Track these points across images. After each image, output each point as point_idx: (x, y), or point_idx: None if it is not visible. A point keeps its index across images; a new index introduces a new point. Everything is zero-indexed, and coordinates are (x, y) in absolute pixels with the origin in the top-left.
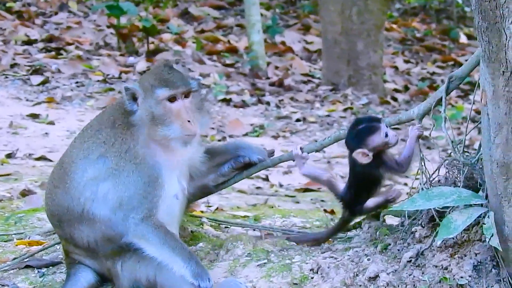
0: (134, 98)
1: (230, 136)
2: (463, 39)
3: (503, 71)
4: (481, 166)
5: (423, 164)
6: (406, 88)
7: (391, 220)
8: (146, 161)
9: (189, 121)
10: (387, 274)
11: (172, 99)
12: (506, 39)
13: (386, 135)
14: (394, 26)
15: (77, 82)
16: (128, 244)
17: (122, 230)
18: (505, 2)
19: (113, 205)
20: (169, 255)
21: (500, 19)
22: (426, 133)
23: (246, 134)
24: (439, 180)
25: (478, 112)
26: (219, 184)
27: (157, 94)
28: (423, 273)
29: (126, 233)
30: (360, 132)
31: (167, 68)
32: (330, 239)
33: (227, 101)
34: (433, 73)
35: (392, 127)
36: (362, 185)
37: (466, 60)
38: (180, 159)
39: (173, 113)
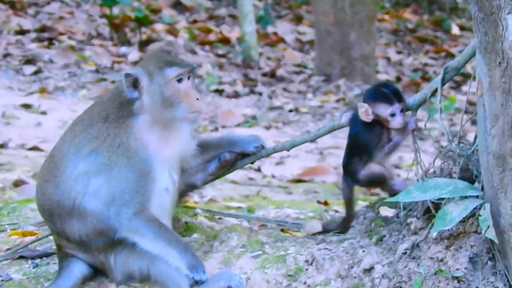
0: (135, 85)
1: (223, 127)
2: (455, 30)
3: (499, 62)
4: (477, 158)
5: (418, 155)
6: (399, 79)
7: (386, 212)
8: (138, 154)
9: (197, 98)
10: (382, 266)
11: (179, 79)
12: (503, 30)
13: (393, 115)
14: (386, 17)
15: (69, 72)
16: (122, 239)
17: (115, 225)
18: None
19: (106, 200)
20: (164, 248)
21: (496, 10)
22: (420, 124)
23: (238, 125)
24: (434, 172)
25: (471, 103)
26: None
27: (167, 74)
28: (418, 265)
29: (120, 228)
30: (378, 92)
31: (166, 52)
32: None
33: (219, 92)
34: (425, 64)
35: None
36: (353, 147)
37: (458, 51)
38: (173, 150)
39: (182, 93)
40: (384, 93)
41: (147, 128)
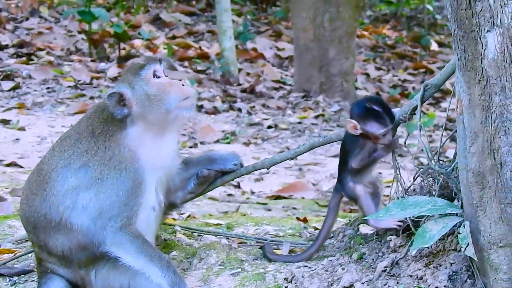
0: (121, 102)
1: (202, 143)
2: (434, 46)
3: (479, 80)
4: (456, 175)
5: (398, 173)
6: (378, 95)
7: (366, 229)
8: (132, 165)
9: (183, 85)
10: (362, 283)
11: (156, 76)
12: (482, 48)
13: (384, 135)
14: (365, 33)
15: (48, 88)
16: (105, 252)
17: (100, 238)
18: (481, 10)
19: (93, 214)
20: (147, 264)
21: (476, 28)
22: (400, 140)
23: (217, 141)
24: (414, 189)
25: (450, 119)
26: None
27: (143, 75)
28: (398, 282)
29: (104, 242)
30: (370, 111)
31: (135, 63)
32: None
33: (198, 108)
34: (404, 80)
35: None
36: (342, 157)
37: (437, 68)
38: (162, 162)
39: (165, 85)
40: (377, 113)
41: (138, 139)
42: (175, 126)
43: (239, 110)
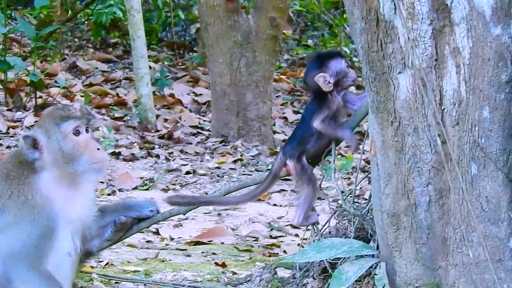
0: (35, 146)
1: (120, 190)
2: (351, 88)
3: (391, 121)
4: (371, 217)
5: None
6: None
7: (283, 273)
8: (45, 211)
9: (98, 149)
10: None
11: (76, 133)
12: (394, 89)
13: (347, 67)
14: (283, 77)
15: None
16: None
17: (9, 278)
18: (392, 52)
19: (4, 255)
20: None
21: (387, 70)
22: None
23: (135, 188)
24: (330, 231)
25: (368, 162)
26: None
27: (63, 129)
28: None
29: (12, 280)
30: (321, 56)
31: (61, 108)
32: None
33: (116, 155)
34: None
35: None
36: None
37: (354, 110)
38: (78, 211)
39: (81, 145)
40: (328, 53)
41: (52, 184)
42: (84, 186)
43: (157, 156)
